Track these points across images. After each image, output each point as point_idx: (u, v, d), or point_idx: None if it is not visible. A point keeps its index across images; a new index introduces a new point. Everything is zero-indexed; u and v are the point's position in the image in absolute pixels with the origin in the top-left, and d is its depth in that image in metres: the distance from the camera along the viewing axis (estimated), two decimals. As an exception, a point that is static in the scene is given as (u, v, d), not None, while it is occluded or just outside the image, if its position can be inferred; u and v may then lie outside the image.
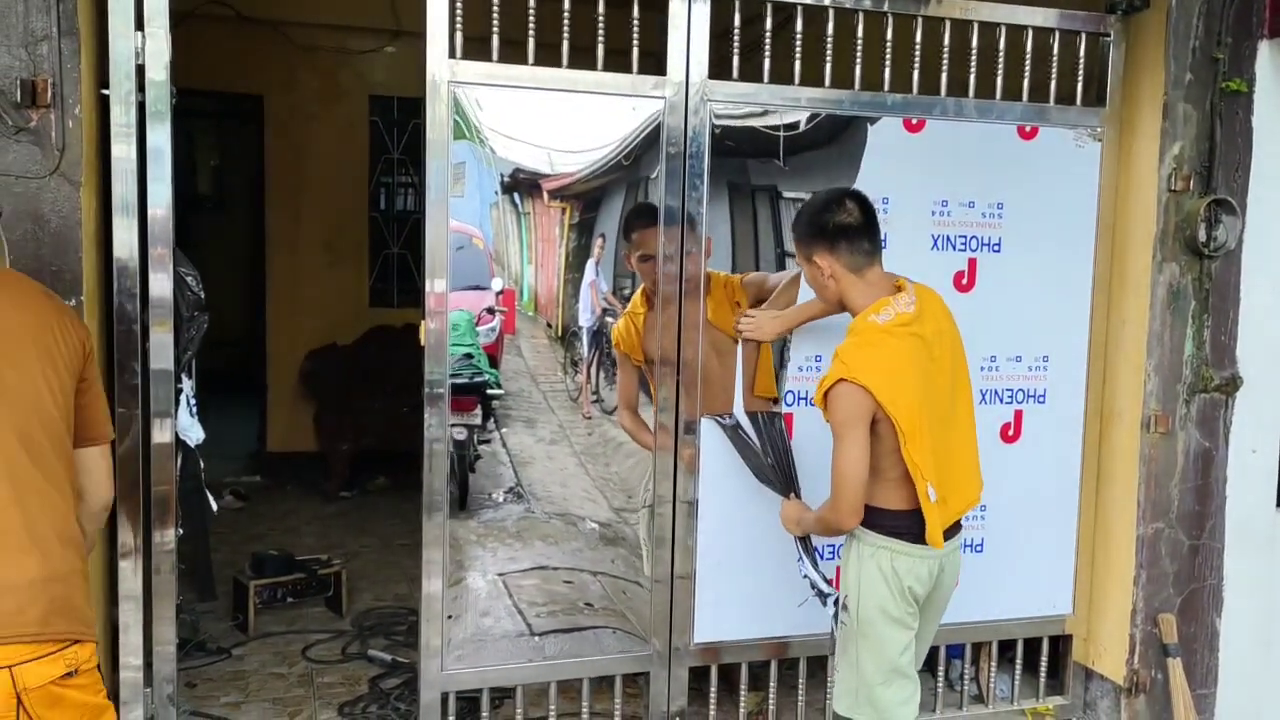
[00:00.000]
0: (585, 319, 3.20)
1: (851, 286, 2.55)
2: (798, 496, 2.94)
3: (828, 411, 2.47)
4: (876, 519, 2.52)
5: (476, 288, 3.13)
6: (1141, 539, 3.45)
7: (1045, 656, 3.65)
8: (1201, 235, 3.35)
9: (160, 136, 2.74)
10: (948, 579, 2.62)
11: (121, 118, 2.68)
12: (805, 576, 2.89)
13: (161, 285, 2.78)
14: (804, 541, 2.90)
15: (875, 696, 2.55)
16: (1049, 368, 3.50)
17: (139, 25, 2.69)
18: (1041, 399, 3.50)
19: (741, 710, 3.35)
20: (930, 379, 2.50)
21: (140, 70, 2.71)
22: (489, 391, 3.19)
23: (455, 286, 2.99)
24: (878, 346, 2.45)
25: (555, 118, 3.01)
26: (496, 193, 3.05)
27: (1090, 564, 3.62)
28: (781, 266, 3.28)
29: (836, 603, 2.70)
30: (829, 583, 2.86)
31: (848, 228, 2.52)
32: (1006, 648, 3.64)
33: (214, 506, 3.24)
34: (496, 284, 3.12)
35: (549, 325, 3.18)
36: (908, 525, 2.49)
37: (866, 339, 2.47)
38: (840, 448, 2.42)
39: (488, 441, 3.19)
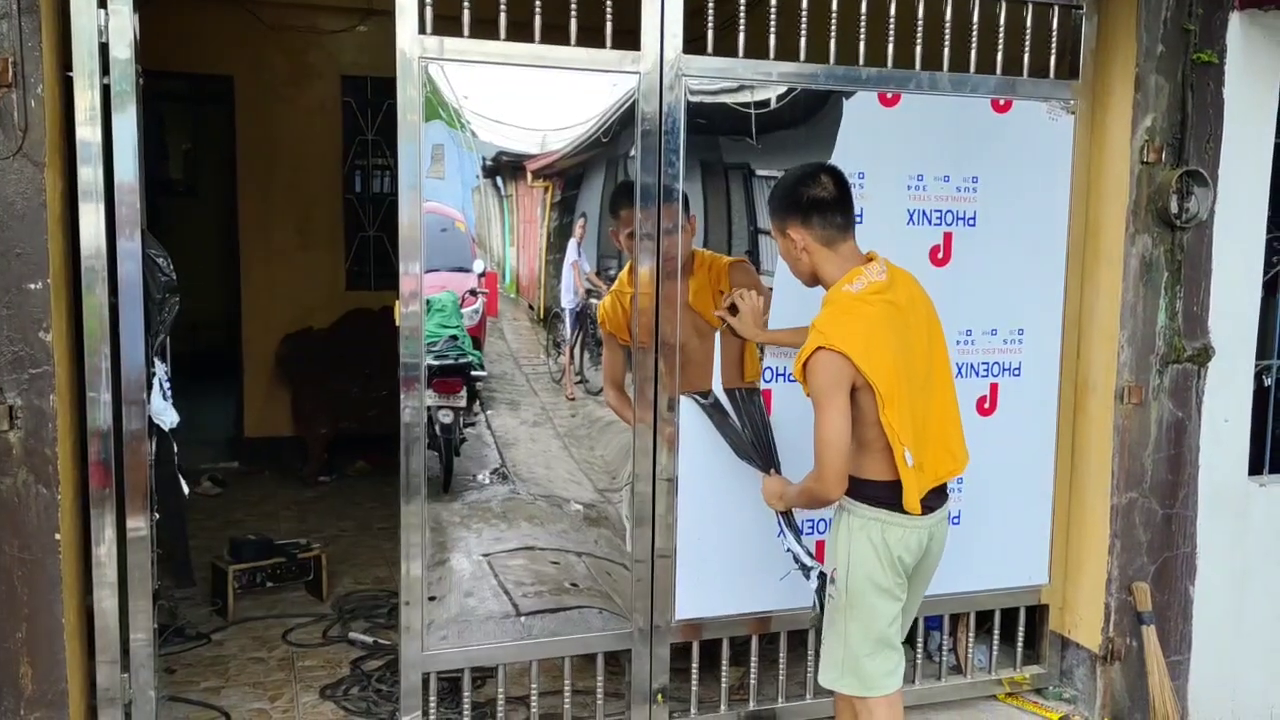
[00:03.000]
0: (568, 300, 3.19)
1: (825, 260, 2.56)
2: (778, 472, 2.95)
3: (807, 382, 2.48)
4: (864, 490, 2.54)
5: (461, 269, 3.11)
6: (1116, 509, 3.49)
7: (1022, 626, 3.69)
8: (1173, 206, 3.38)
9: (126, 117, 2.70)
10: (936, 548, 2.65)
11: (85, 98, 2.63)
12: (788, 550, 2.91)
13: (130, 268, 2.74)
14: (785, 516, 2.91)
15: (861, 668, 2.57)
16: (1024, 341, 3.52)
17: (102, 3, 2.64)
18: (1017, 372, 3.52)
19: (723, 685, 3.37)
20: (907, 345, 2.52)
21: (104, 49, 2.66)
22: (473, 373, 3.18)
23: (440, 268, 2.97)
24: (853, 314, 2.47)
25: (530, 95, 2.98)
26: (477, 175, 3.02)
27: (1065, 534, 3.66)
28: (755, 244, 3.28)
29: (821, 576, 2.71)
30: (811, 556, 2.88)
31: (821, 201, 2.53)
32: (984, 619, 3.68)
33: (185, 490, 3.21)
34: (478, 266, 3.10)
35: (531, 307, 3.17)
36: (896, 495, 2.51)
37: (842, 308, 2.49)
38: (821, 416, 2.43)
39: (473, 424, 3.18)
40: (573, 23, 2.99)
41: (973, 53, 3.35)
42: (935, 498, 2.60)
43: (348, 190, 6.94)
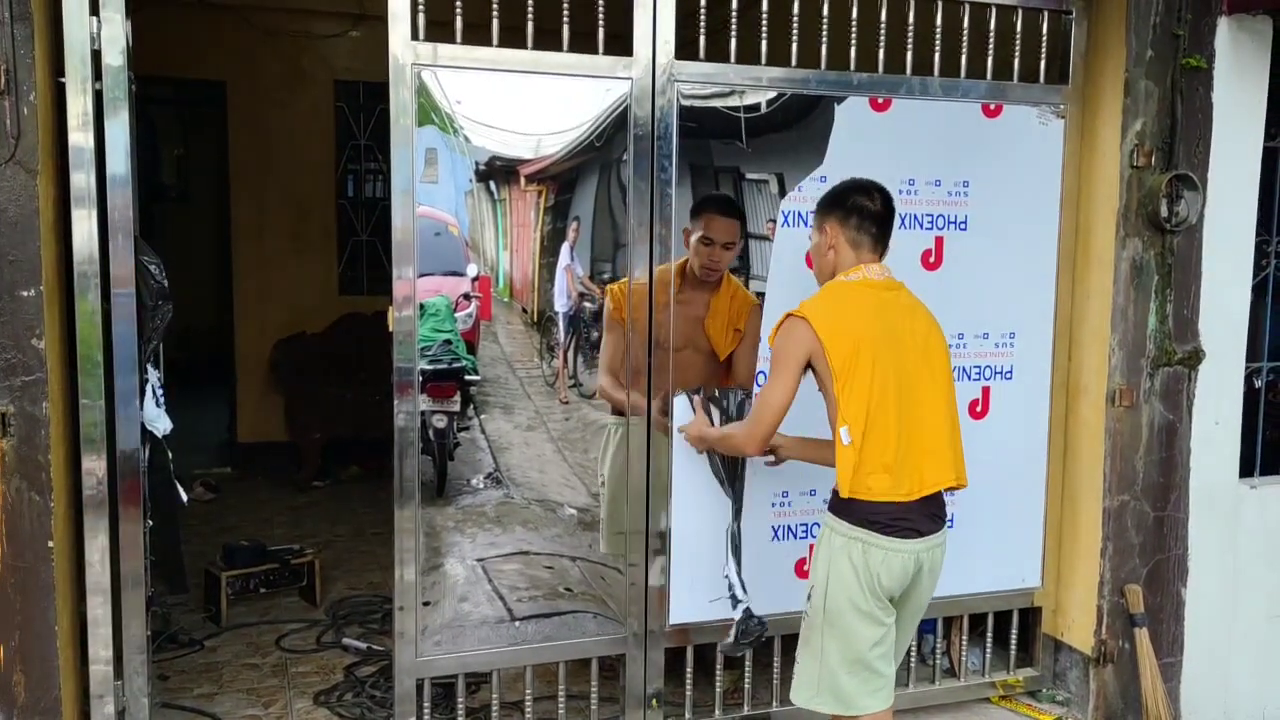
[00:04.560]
0: (561, 304, 3.19)
1: (845, 261, 2.64)
2: (739, 501, 3.07)
3: (771, 346, 2.60)
4: (849, 508, 2.52)
5: (454, 274, 3.11)
6: (1108, 511, 3.50)
7: (1015, 629, 3.70)
8: (1163, 211, 3.39)
9: (118, 124, 2.70)
10: (926, 579, 2.60)
11: (78, 105, 2.63)
12: (725, 577, 3.04)
13: (123, 274, 2.74)
14: (734, 544, 3.04)
15: (839, 685, 2.54)
16: (1016, 344, 3.53)
17: (94, 10, 2.64)
18: (1009, 375, 3.53)
19: (717, 690, 3.37)
20: (895, 338, 2.54)
21: (96, 56, 2.66)
22: (467, 378, 3.18)
23: (433, 272, 2.98)
24: (833, 293, 2.60)
25: (523, 100, 2.99)
26: (470, 180, 3.03)
27: (1058, 537, 3.67)
28: (745, 248, 3.29)
29: (747, 611, 2.91)
30: (744, 589, 3.03)
31: (865, 209, 2.63)
32: (977, 621, 3.69)
33: (184, 497, 3.21)
34: (471, 270, 3.10)
35: (524, 311, 3.18)
36: (881, 515, 2.50)
37: (826, 290, 2.63)
38: (770, 380, 2.57)
39: (467, 428, 3.18)
40: (565, 29, 3.00)
41: (963, 58, 3.37)
42: (927, 523, 2.55)
43: (340, 195, 6.94)
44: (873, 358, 2.49)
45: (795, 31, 3.17)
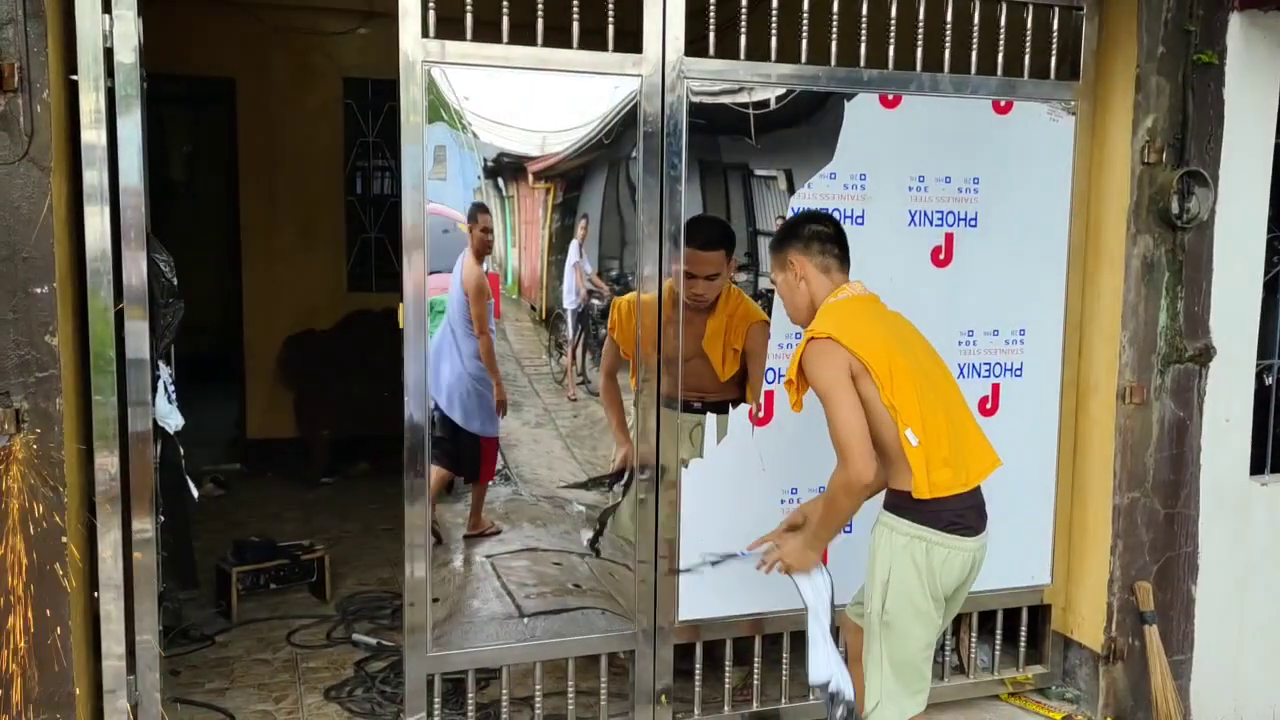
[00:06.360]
0: (569, 301, 3.19)
1: (820, 287, 2.64)
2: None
3: (808, 381, 2.53)
4: (915, 507, 2.50)
5: (463, 271, 3.11)
6: (1118, 509, 3.49)
7: (1025, 627, 3.70)
8: (1174, 207, 3.38)
9: (130, 121, 2.71)
10: (972, 576, 2.62)
11: (90, 102, 2.64)
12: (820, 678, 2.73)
13: (135, 271, 2.75)
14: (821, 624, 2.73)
15: (891, 689, 2.55)
16: (1026, 341, 3.53)
17: (106, 8, 2.65)
18: (1019, 372, 3.53)
19: (726, 686, 3.37)
20: (903, 340, 2.57)
21: (109, 54, 2.67)
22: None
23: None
24: (838, 310, 2.58)
25: (532, 97, 2.99)
26: (479, 177, 3.03)
27: (1068, 534, 3.67)
28: (754, 245, 3.29)
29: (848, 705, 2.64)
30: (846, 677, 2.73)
31: (822, 234, 2.67)
32: (987, 619, 3.69)
33: (195, 494, 3.22)
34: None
35: (533, 308, 3.18)
36: (946, 512, 2.49)
37: (826, 310, 2.60)
38: (831, 408, 2.45)
39: (476, 425, 3.19)
40: (575, 26, 3.00)
41: (974, 54, 3.36)
42: (978, 519, 2.57)
43: (349, 192, 6.95)
44: (905, 360, 2.51)
45: (805, 28, 3.17)
